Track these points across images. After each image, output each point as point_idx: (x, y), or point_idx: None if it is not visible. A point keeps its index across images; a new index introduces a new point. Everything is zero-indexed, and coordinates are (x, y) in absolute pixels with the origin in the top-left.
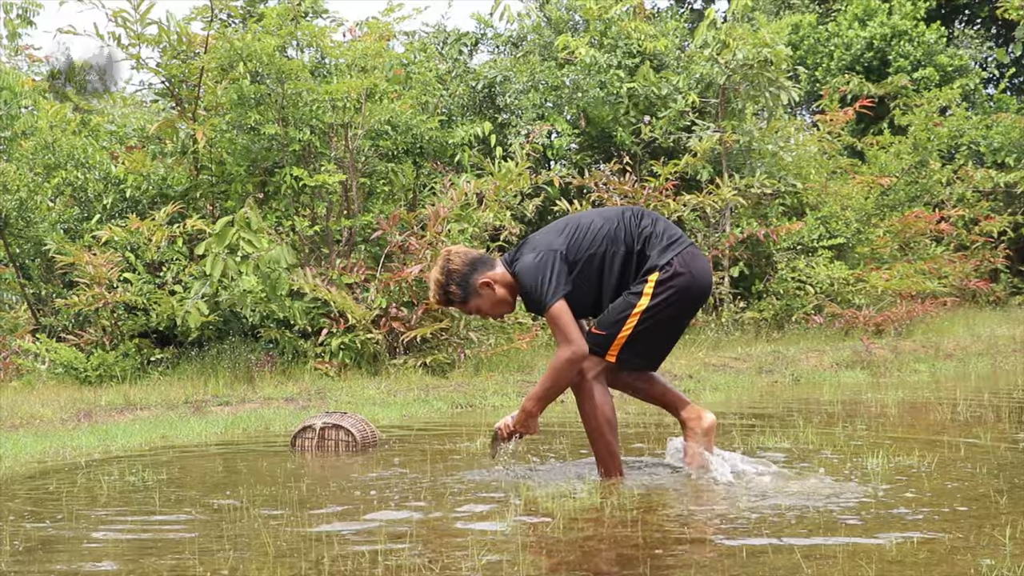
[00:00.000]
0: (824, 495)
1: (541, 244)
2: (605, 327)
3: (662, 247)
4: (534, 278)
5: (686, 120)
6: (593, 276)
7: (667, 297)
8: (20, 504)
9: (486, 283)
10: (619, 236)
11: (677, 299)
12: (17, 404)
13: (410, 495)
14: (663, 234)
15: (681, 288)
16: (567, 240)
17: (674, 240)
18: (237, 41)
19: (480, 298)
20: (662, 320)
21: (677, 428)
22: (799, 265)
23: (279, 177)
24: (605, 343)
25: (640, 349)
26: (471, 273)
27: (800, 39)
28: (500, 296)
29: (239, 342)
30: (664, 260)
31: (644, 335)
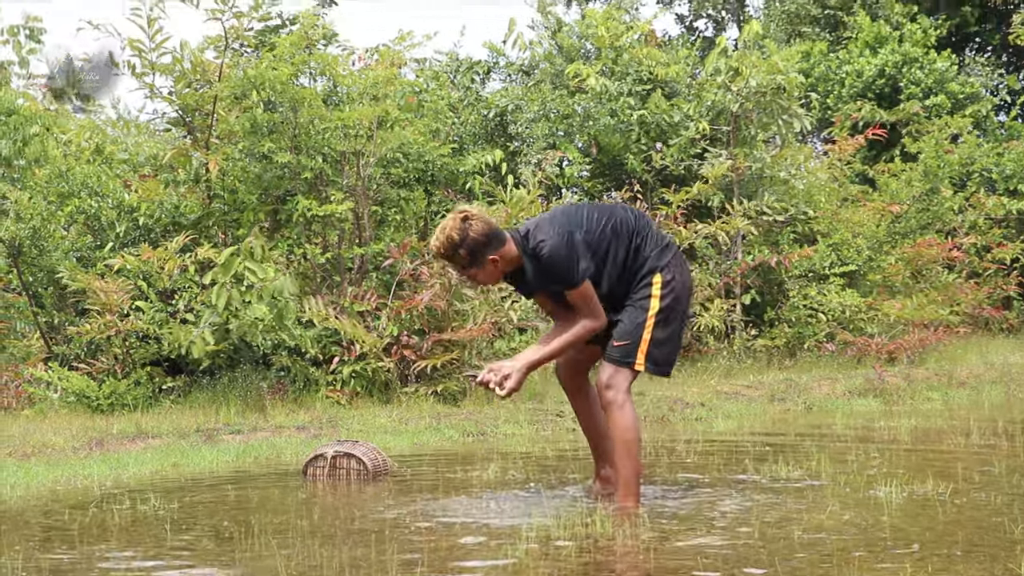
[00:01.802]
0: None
1: (562, 227)
2: (625, 337)
3: (658, 249)
4: (568, 259)
5: (697, 148)
6: (598, 264)
7: (674, 297)
8: (32, 533)
9: (495, 260)
10: (620, 230)
11: (678, 300)
12: (29, 432)
13: (422, 523)
14: (656, 235)
15: (679, 289)
16: (581, 227)
17: (666, 244)
18: (251, 70)
19: (483, 270)
20: (671, 320)
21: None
22: (811, 293)
23: (291, 205)
24: (631, 351)
25: (659, 352)
26: (486, 247)
27: (811, 66)
28: (499, 272)
29: (250, 370)
30: (663, 262)
31: (660, 337)
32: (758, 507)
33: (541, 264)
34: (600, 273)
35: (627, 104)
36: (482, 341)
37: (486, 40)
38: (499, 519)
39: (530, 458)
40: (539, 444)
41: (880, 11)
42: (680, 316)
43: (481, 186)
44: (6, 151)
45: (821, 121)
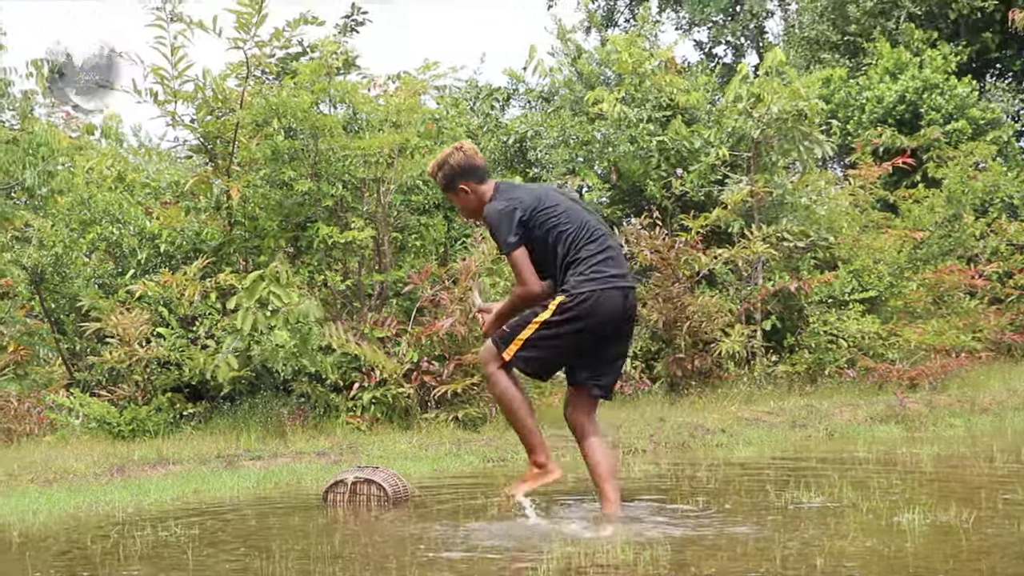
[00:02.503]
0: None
1: (512, 200)
2: (511, 327)
3: (582, 276)
4: (498, 223)
5: (717, 174)
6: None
7: (565, 319)
8: (53, 559)
9: (464, 188)
10: (564, 238)
11: (571, 327)
12: (51, 459)
13: (443, 550)
14: (592, 265)
15: (577, 317)
16: (532, 208)
17: (596, 277)
18: (272, 97)
19: (456, 196)
20: (555, 337)
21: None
22: (831, 319)
23: (311, 232)
24: (507, 340)
25: (532, 355)
26: (460, 175)
27: (831, 93)
28: (473, 205)
29: (271, 396)
30: (574, 289)
31: (538, 344)
32: (780, 534)
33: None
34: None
35: (647, 130)
36: None
37: (506, 67)
38: (519, 545)
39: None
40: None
41: (900, 37)
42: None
43: None
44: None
45: (841, 147)
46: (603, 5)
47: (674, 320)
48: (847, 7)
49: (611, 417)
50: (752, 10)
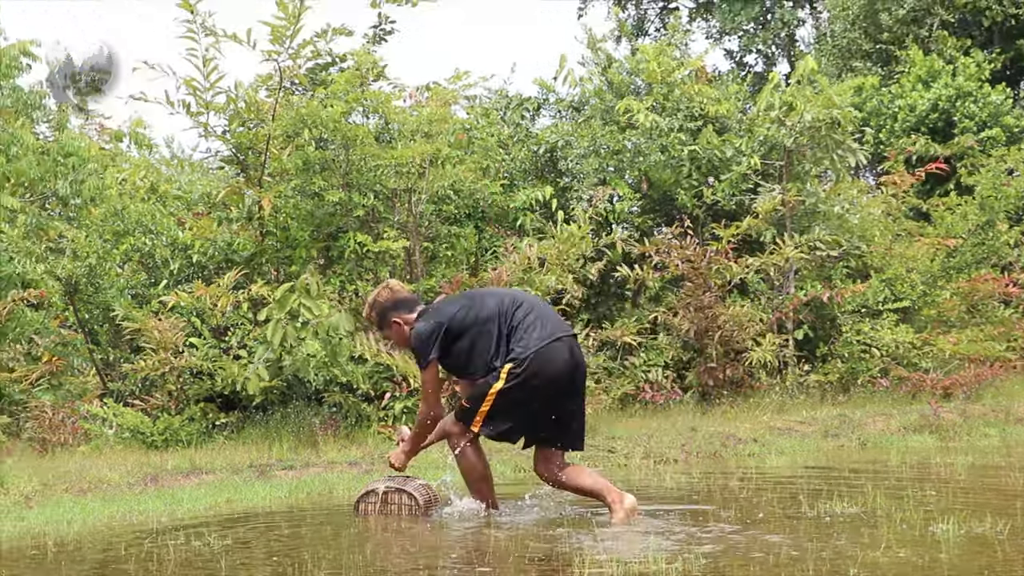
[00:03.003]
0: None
1: (434, 315)
2: (471, 401)
3: (525, 340)
4: (416, 343)
5: (749, 183)
6: (472, 346)
7: (517, 384)
8: (88, 568)
9: (396, 322)
10: (494, 319)
11: (526, 389)
12: (85, 468)
13: (474, 559)
14: (530, 327)
15: (529, 378)
16: (453, 315)
17: (540, 336)
18: (304, 108)
19: (390, 331)
20: (513, 401)
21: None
22: (864, 328)
23: (343, 242)
24: (471, 414)
25: (498, 423)
26: (390, 309)
27: (863, 101)
28: (405, 337)
29: (303, 406)
30: (520, 354)
31: (501, 412)
32: (813, 544)
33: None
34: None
35: (678, 140)
36: None
37: (536, 77)
38: (550, 555)
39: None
40: None
41: (933, 45)
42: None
43: (531, 222)
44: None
45: (874, 156)
46: (633, 14)
47: (705, 329)
48: (879, 15)
49: (642, 427)
50: (783, 18)
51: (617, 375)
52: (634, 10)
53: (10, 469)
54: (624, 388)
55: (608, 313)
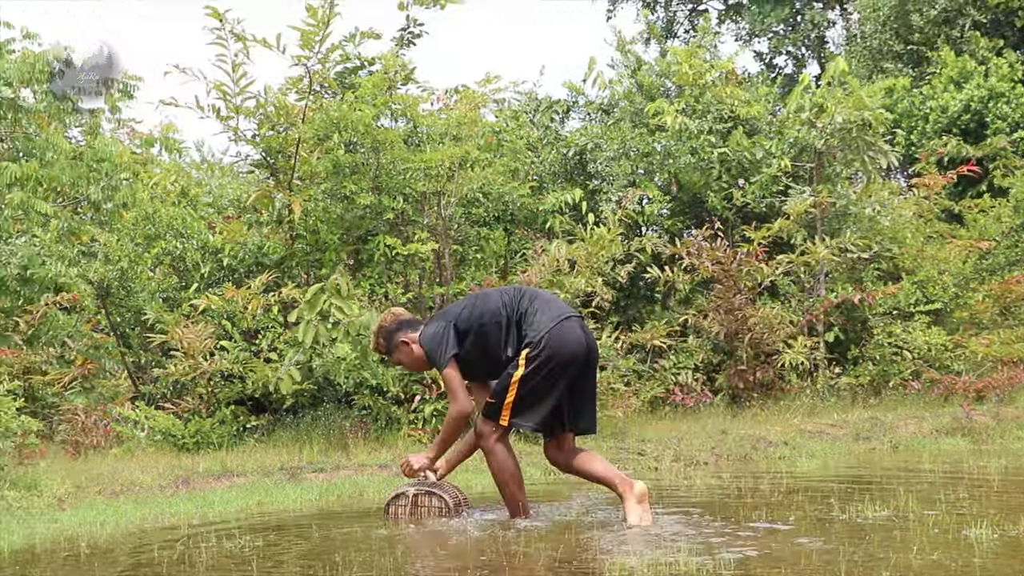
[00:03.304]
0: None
1: (441, 317)
2: (495, 396)
3: (536, 323)
4: (431, 345)
5: (779, 185)
6: (488, 344)
7: (537, 367)
8: (121, 571)
9: (404, 342)
10: (500, 311)
11: (547, 367)
12: (117, 471)
13: (505, 563)
14: (538, 311)
15: (548, 358)
16: (459, 314)
17: (549, 316)
18: (333, 111)
19: (400, 353)
20: (538, 386)
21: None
22: (896, 330)
23: (372, 245)
24: (497, 409)
25: (525, 413)
26: (395, 332)
27: (894, 102)
28: (417, 353)
29: (333, 409)
30: (534, 336)
31: (526, 400)
32: (844, 547)
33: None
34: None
35: (708, 142)
36: None
37: (565, 79)
38: (581, 557)
39: (612, 496)
40: None
41: (965, 46)
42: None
43: (561, 225)
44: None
45: (905, 157)
46: (662, 16)
47: (735, 332)
48: (910, 16)
49: (672, 430)
50: (813, 20)
51: (647, 378)
52: (663, 12)
53: (44, 471)
54: (654, 391)
55: (638, 316)
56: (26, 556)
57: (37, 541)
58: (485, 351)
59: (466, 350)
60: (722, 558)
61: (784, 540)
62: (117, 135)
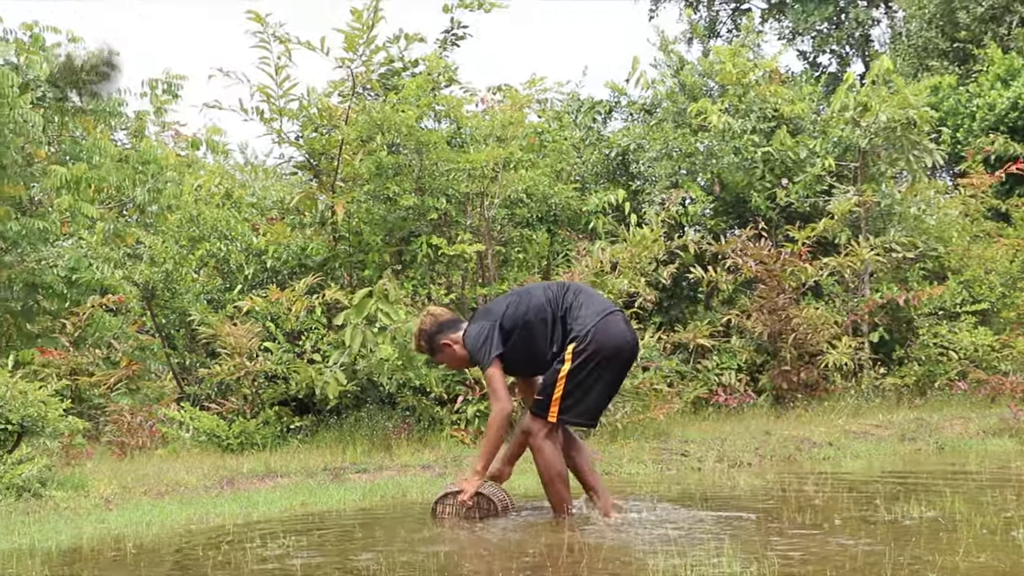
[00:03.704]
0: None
1: (484, 316)
2: (542, 393)
3: (581, 318)
4: (475, 345)
5: (823, 184)
6: (533, 340)
7: (584, 360)
8: (167, 570)
9: (447, 344)
10: (545, 307)
11: (595, 361)
12: (163, 471)
13: (548, 563)
14: (583, 305)
15: (595, 352)
16: (504, 312)
17: (593, 311)
18: (376, 113)
19: (443, 354)
20: (585, 380)
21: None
22: (941, 330)
23: (415, 246)
24: (545, 405)
25: (573, 407)
26: (436, 333)
27: (939, 100)
28: (460, 354)
29: (376, 410)
30: (580, 331)
31: (573, 395)
32: (890, 549)
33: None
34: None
35: (751, 141)
36: None
37: (608, 80)
38: (625, 557)
39: (654, 497)
40: (664, 483)
41: (1012, 43)
42: (599, 374)
43: (604, 225)
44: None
45: (951, 156)
46: (705, 15)
47: (779, 332)
48: (956, 13)
49: (715, 430)
50: (858, 18)
51: (690, 378)
52: (706, 11)
53: (90, 472)
54: (697, 391)
55: (680, 316)
56: (74, 556)
57: (84, 541)
58: (530, 347)
59: (511, 346)
60: (766, 558)
61: (829, 541)
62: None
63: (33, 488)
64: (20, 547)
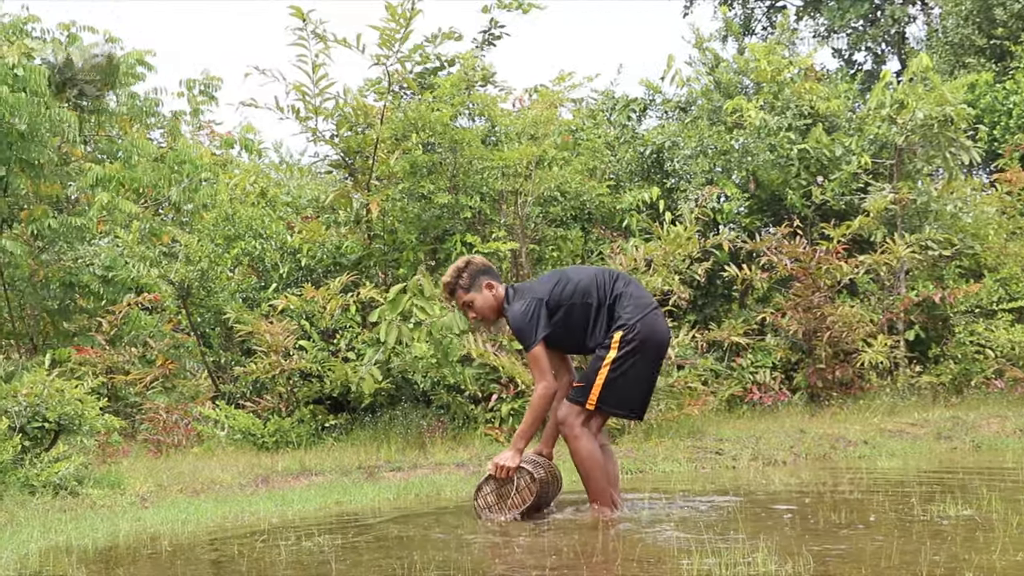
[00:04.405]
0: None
1: (529, 293)
2: (583, 380)
3: (631, 308)
4: (521, 322)
5: (859, 182)
6: (572, 322)
7: (630, 350)
8: (202, 568)
9: (489, 285)
10: (593, 292)
11: (639, 353)
12: (198, 469)
13: (582, 562)
14: (632, 296)
15: (640, 344)
16: (551, 290)
17: (640, 304)
18: (411, 111)
19: (480, 295)
20: (628, 370)
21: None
22: (978, 328)
23: (449, 244)
24: (585, 392)
25: (614, 395)
26: (483, 273)
27: (976, 98)
28: (492, 305)
29: (410, 408)
30: (629, 320)
31: (616, 383)
32: (926, 547)
33: (509, 326)
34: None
35: (787, 139)
36: None
37: (643, 78)
38: (658, 556)
39: (689, 495)
40: (698, 481)
41: None
42: (641, 366)
43: (638, 223)
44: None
45: (988, 153)
46: (740, 13)
47: (814, 330)
48: (993, 10)
49: (750, 429)
50: (893, 15)
51: (724, 376)
52: (740, 9)
53: (126, 470)
54: (731, 389)
55: (715, 314)
56: (110, 554)
57: (121, 539)
58: (569, 328)
59: (554, 323)
60: (801, 557)
61: (864, 540)
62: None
63: (70, 486)
64: (57, 544)
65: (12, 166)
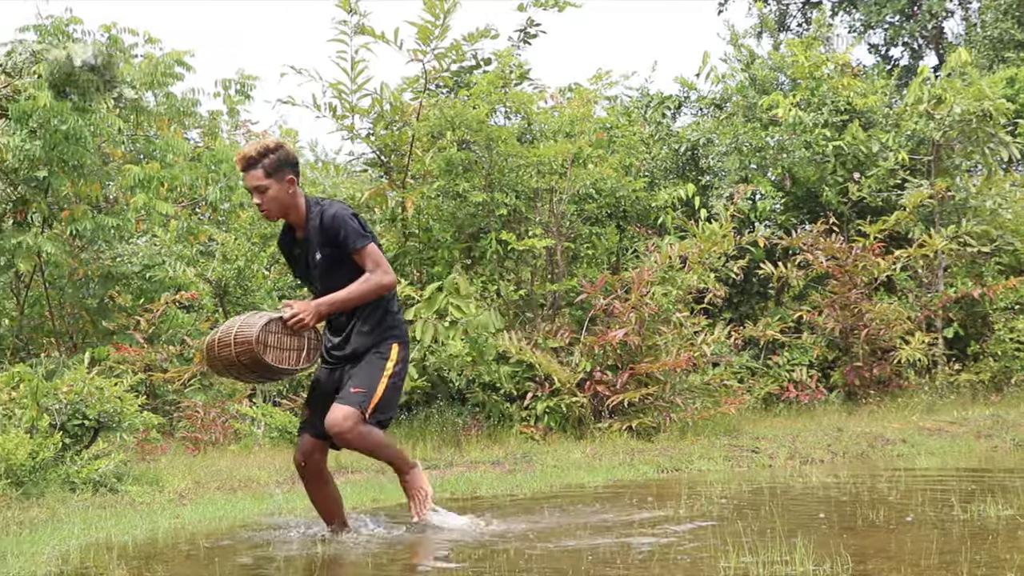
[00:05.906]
0: None
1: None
2: (363, 386)
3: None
4: (352, 219)
5: (896, 178)
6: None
7: (404, 364)
8: (239, 566)
9: (292, 180)
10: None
11: (404, 368)
12: (235, 467)
13: (619, 561)
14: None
15: (406, 360)
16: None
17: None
18: (448, 109)
19: (279, 185)
20: (400, 381)
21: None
22: (1018, 325)
23: (485, 242)
24: (367, 399)
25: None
26: (291, 165)
27: (1016, 92)
28: (284, 201)
29: (446, 406)
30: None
31: (387, 397)
32: (966, 547)
33: (325, 223)
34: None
35: (823, 135)
36: (677, 375)
37: (677, 75)
38: (695, 556)
39: (725, 494)
40: (735, 481)
41: None
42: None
43: (673, 221)
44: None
45: None
46: (775, 9)
47: (851, 328)
48: None
49: (787, 427)
50: (931, 10)
51: (760, 374)
52: (775, 5)
53: (165, 467)
54: (768, 387)
55: (751, 312)
56: (149, 550)
57: (159, 536)
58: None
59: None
60: (838, 556)
61: (903, 539)
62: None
63: (109, 483)
64: (97, 541)
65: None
